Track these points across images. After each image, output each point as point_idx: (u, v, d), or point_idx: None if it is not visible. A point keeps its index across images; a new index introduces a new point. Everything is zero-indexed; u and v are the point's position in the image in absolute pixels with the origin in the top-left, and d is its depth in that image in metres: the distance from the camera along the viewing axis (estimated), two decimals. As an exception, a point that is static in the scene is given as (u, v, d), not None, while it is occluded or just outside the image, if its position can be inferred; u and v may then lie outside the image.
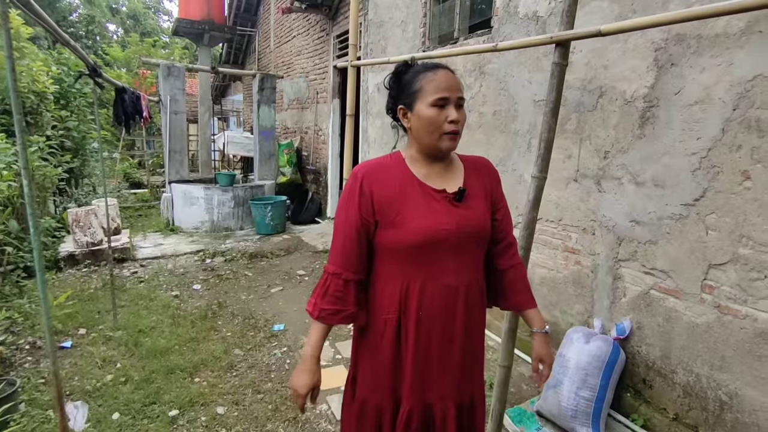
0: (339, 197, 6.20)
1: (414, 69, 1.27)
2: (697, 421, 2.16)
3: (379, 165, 1.28)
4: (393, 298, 1.25)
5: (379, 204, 1.22)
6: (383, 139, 5.20)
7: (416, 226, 1.20)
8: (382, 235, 1.24)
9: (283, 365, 3.01)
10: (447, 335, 1.26)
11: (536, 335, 1.38)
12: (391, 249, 1.24)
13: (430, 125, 1.20)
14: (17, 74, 5.03)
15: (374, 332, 1.29)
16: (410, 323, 1.24)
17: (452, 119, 1.19)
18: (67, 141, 6.11)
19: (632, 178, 2.40)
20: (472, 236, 1.26)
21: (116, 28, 23.49)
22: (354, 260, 1.25)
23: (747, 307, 1.95)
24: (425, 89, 1.20)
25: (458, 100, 1.21)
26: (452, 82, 1.21)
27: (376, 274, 1.29)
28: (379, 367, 1.29)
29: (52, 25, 1.58)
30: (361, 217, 1.23)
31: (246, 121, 12.00)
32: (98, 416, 2.40)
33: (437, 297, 1.24)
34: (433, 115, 1.19)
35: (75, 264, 4.75)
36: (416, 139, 1.25)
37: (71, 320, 3.49)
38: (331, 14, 6.61)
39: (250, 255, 5.38)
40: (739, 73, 1.94)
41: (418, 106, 1.21)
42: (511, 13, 3.20)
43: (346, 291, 1.25)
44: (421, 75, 1.22)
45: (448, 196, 1.24)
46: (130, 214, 7.39)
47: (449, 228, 1.21)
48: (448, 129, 1.20)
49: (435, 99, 1.18)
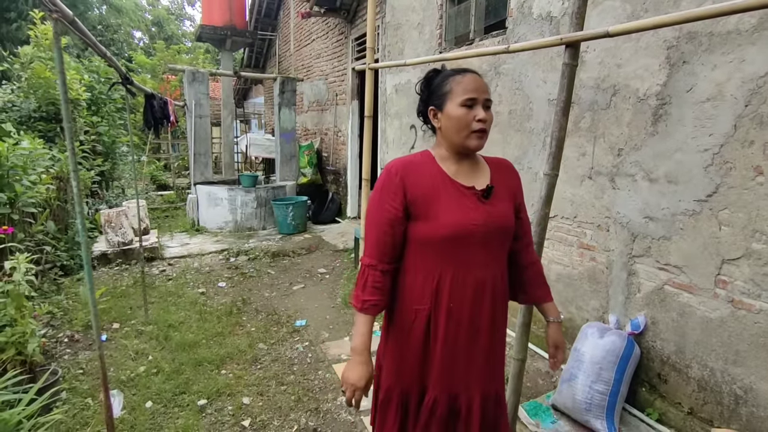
0: (358, 197, 6.23)
1: (443, 73, 1.35)
2: (712, 416, 2.18)
3: (412, 162, 1.34)
4: (425, 289, 1.30)
5: (413, 197, 1.28)
6: (401, 140, 5.28)
7: (447, 219, 1.26)
8: (414, 227, 1.30)
9: (305, 359, 3.12)
10: (474, 327, 1.31)
11: (552, 324, 1.49)
12: (422, 241, 1.29)
13: (459, 124, 1.27)
14: (53, 83, 5.28)
15: (403, 322, 1.34)
16: (441, 314, 1.29)
17: (480, 118, 1.26)
18: (98, 145, 6.38)
19: (645, 174, 2.43)
20: (499, 232, 1.32)
21: (142, 35, 24.19)
22: (388, 251, 1.31)
23: (761, 301, 1.97)
24: (454, 90, 1.28)
25: (485, 101, 1.29)
26: (480, 84, 1.29)
27: (407, 266, 1.34)
28: (407, 355, 1.34)
29: (92, 39, 1.72)
30: (395, 209, 1.28)
31: (267, 123, 12.24)
32: (133, 404, 2.56)
33: (467, 289, 1.29)
34: (462, 115, 1.26)
35: (107, 263, 4.98)
36: (446, 137, 1.33)
37: (105, 315, 3.68)
38: (349, 17, 6.73)
39: (272, 254, 5.53)
40: (751, 69, 1.95)
41: (448, 107, 1.28)
42: (525, 14, 3.25)
43: (384, 281, 1.31)
44: (450, 78, 1.31)
45: (477, 193, 1.31)
46: (158, 215, 7.65)
47: (478, 223, 1.27)
48: (476, 127, 1.27)
49: (464, 99, 1.26)
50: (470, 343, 1.32)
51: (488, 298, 1.32)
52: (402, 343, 1.35)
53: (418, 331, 1.32)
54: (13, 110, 5.21)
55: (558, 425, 2.42)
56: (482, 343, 1.33)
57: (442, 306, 1.29)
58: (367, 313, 1.31)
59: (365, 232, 1.36)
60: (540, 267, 1.52)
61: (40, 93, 5.35)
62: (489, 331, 1.34)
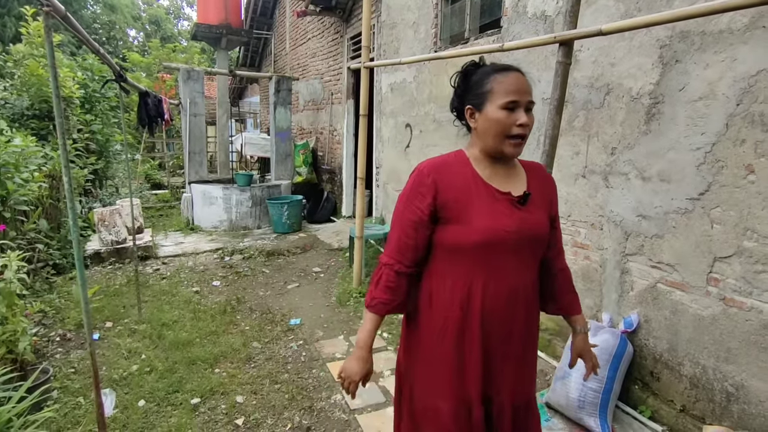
0: (354, 196, 6.19)
1: (484, 69, 1.27)
2: (704, 413, 2.19)
3: (445, 162, 1.28)
4: (455, 295, 1.25)
5: (444, 201, 1.23)
6: (397, 139, 5.29)
7: (480, 225, 1.21)
8: (444, 231, 1.25)
9: (299, 357, 3.11)
10: (507, 334, 1.28)
11: (579, 335, 1.46)
12: (452, 246, 1.24)
13: (498, 128, 1.20)
14: (46, 81, 5.25)
15: (432, 329, 1.30)
16: (473, 321, 1.25)
17: (521, 122, 1.19)
18: (91, 144, 6.34)
19: (639, 173, 2.44)
20: (532, 240, 1.27)
21: (137, 33, 24.09)
22: (409, 253, 1.27)
23: (752, 299, 1.98)
24: (496, 91, 1.20)
25: (528, 104, 1.22)
26: (523, 85, 1.21)
27: (434, 270, 1.30)
28: (439, 364, 1.30)
29: (85, 35, 1.71)
30: (421, 212, 1.24)
31: (263, 122, 12.22)
32: (125, 403, 2.54)
33: (500, 296, 1.24)
34: (502, 118, 1.19)
35: (101, 261, 4.95)
36: (481, 139, 1.26)
37: (98, 314, 3.66)
38: (344, 16, 6.72)
39: (267, 253, 5.52)
40: (743, 68, 1.97)
41: (488, 108, 1.21)
42: (519, 13, 3.26)
43: (398, 282, 1.27)
44: (491, 77, 1.23)
45: (512, 199, 1.26)
46: (152, 214, 7.62)
47: (510, 230, 1.22)
48: (516, 132, 1.20)
49: (505, 102, 1.19)
50: (504, 350, 1.28)
51: (521, 306, 1.28)
52: (432, 351, 1.31)
53: (449, 339, 1.27)
54: (5, 108, 5.18)
55: (551, 423, 2.43)
56: (515, 350, 1.30)
57: (474, 313, 1.24)
58: (375, 311, 1.29)
59: (390, 230, 1.33)
60: (569, 273, 1.48)
61: (33, 91, 5.31)
62: (522, 339, 1.31)
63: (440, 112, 4.31)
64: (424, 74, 4.59)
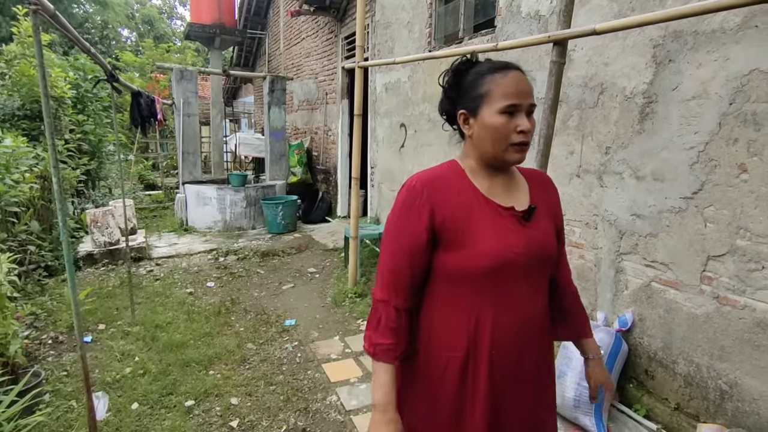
0: (348, 196, 6.16)
1: (478, 68, 1.11)
2: (698, 411, 2.20)
3: (439, 177, 1.11)
4: (459, 332, 1.08)
5: (441, 222, 1.07)
6: (391, 138, 5.28)
7: (486, 248, 1.05)
8: (444, 257, 1.08)
9: (294, 359, 3.10)
10: (520, 372, 1.11)
11: (592, 361, 1.30)
12: (455, 274, 1.08)
13: (497, 135, 1.05)
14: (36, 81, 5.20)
15: (431, 371, 1.12)
16: (481, 362, 1.07)
17: (522, 128, 1.04)
18: (84, 144, 6.30)
19: (633, 172, 2.44)
20: (542, 259, 1.12)
21: (130, 33, 23.95)
22: (405, 285, 1.09)
23: (745, 297, 1.99)
24: (493, 93, 1.05)
25: (529, 107, 1.07)
26: (523, 86, 1.06)
27: (433, 302, 1.12)
28: (438, 412, 1.12)
29: (75, 34, 1.69)
30: (418, 234, 1.07)
31: (257, 122, 12.18)
32: (118, 406, 2.52)
33: (512, 328, 1.08)
34: (501, 124, 1.05)
35: (93, 263, 4.91)
36: (478, 148, 1.11)
37: (91, 316, 3.63)
38: (339, 16, 6.71)
39: (262, 253, 5.50)
40: (735, 67, 1.97)
41: (484, 113, 1.06)
42: (513, 13, 3.26)
43: (399, 320, 1.09)
44: (488, 77, 1.07)
45: (517, 215, 1.10)
46: (146, 215, 7.57)
47: (519, 250, 1.07)
48: (517, 140, 1.05)
49: (504, 106, 1.04)
50: (516, 392, 1.12)
51: (536, 337, 1.13)
52: (430, 397, 1.13)
53: (451, 383, 1.09)
54: (-4, 108, 5.12)
55: (547, 422, 2.43)
56: (530, 390, 1.14)
57: (482, 352, 1.07)
58: (382, 359, 1.09)
59: (380, 259, 1.15)
60: (578, 294, 1.33)
61: (24, 91, 5.26)
62: (537, 377, 1.15)
63: (435, 111, 4.29)
64: (419, 74, 4.59)
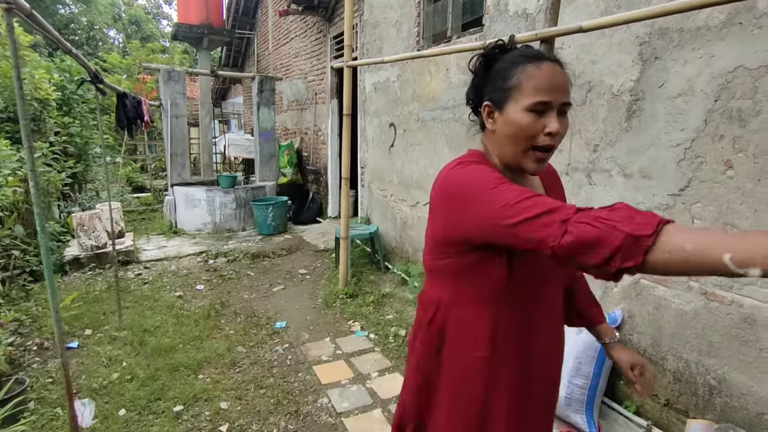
0: (339, 197, 6.11)
1: (511, 56, 1.00)
2: (688, 406, 2.21)
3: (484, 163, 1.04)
4: (484, 330, 1.04)
5: None
6: (381, 138, 5.26)
7: None
8: (471, 255, 1.02)
9: (284, 361, 3.07)
10: (546, 368, 1.12)
11: (614, 345, 1.26)
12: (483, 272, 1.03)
13: (521, 134, 0.95)
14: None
15: (460, 371, 1.08)
16: (508, 360, 1.05)
17: (551, 130, 0.93)
18: (70, 147, 6.20)
19: (621, 170, 2.45)
20: None
21: (116, 33, 23.68)
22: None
23: (733, 293, 2.00)
24: (523, 87, 0.94)
25: (562, 105, 0.95)
26: (558, 80, 0.95)
27: (460, 299, 1.07)
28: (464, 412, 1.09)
29: (55, 34, 1.65)
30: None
31: (246, 123, 12.09)
32: (105, 413, 2.48)
33: (539, 327, 1.08)
34: (528, 123, 0.94)
35: (80, 267, 4.84)
36: (497, 143, 1.03)
37: (77, 321, 3.57)
38: (327, 16, 6.68)
39: (252, 255, 5.45)
40: (720, 64, 1.98)
41: (510, 108, 0.96)
42: (501, 11, 3.25)
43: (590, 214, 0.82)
44: (519, 67, 0.96)
45: None
46: (134, 218, 7.49)
47: None
48: (542, 142, 0.94)
49: (533, 102, 0.93)
50: (539, 391, 1.11)
51: (558, 335, 1.13)
52: (455, 396, 1.10)
53: (479, 383, 1.06)
54: (-22, 111, 5.02)
55: (538, 421, 2.43)
56: (550, 388, 1.14)
57: (510, 351, 1.05)
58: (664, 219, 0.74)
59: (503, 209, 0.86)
60: (586, 280, 1.30)
61: (7, 93, 5.17)
62: (558, 373, 1.15)
63: (424, 111, 4.30)
64: (408, 73, 4.57)
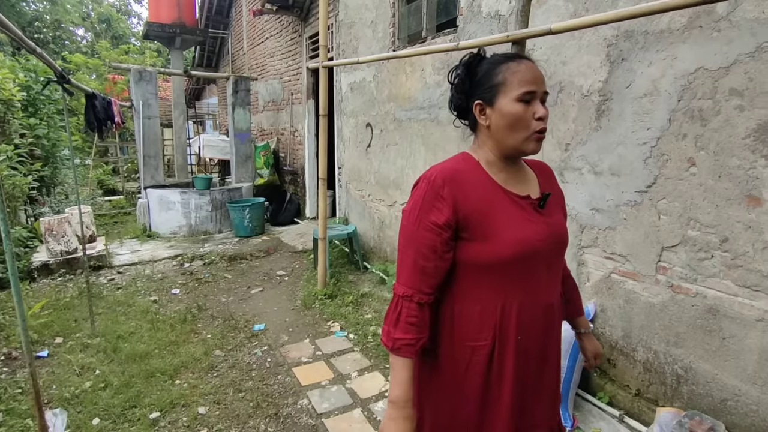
0: (317, 197, 6.14)
1: (491, 60, 1.13)
2: (657, 395, 2.29)
3: (458, 169, 1.12)
4: (485, 321, 1.09)
5: (464, 214, 1.07)
6: (357, 138, 5.26)
7: (511, 238, 1.07)
8: (468, 249, 1.09)
9: (263, 364, 3.05)
10: (544, 359, 1.16)
11: (586, 335, 1.42)
12: (480, 265, 1.09)
13: (516, 123, 1.07)
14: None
15: (455, 362, 1.13)
16: (508, 349, 1.09)
17: (540, 115, 1.07)
18: (36, 149, 6.00)
19: (591, 168, 2.52)
20: (560, 245, 1.17)
21: (85, 32, 22.98)
22: (428, 279, 1.08)
23: (697, 285, 2.08)
24: (509, 82, 1.07)
25: (543, 94, 1.09)
26: (538, 74, 1.09)
27: (457, 293, 1.13)
28: (463, 402, 1.14)
29: (17, 32, 1.60)
30: (440, 229, 1.07)
31: (222, 124, 11.91)
32: (78, 422, 2.41)
33: (537, 317, 1.12)
34: (519, 112, 1.06)
35: (49, 274, 4.68)
36: (495, 138, 1.12)
37: (47, 329, 3.46)
38: (302, 15, 6.64)
39: (229, 257, 5.38)
40: (683, 66, 2.06)
41: (501, 101, 1.08)
42: (474, 13, 3.30)
43: (421, 315, 1.08)
44: (503, 66, 1.09)
45: (533, 203, 1.13)
46: (106, 222, 7.28)
47: (542, 237, 1.10)
48: (537, 127, 1.07)
49: (521, 93, 1.06)
50: (539, 378, 1.16)
51: (556, 325, 1.18)
52: (454, 387, 1.14)
53: (477, 372, 1.10)
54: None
55: (516, 414, 2.48)
56: (549, 375, 1.18)
57: (509, 340, 1.09)
58: (402, 354, 1.08)
59: (399, 253, 1.14)
60: (571, 274, 1.42)
61: (-32, 94, 4.97)
62: (556, 361, 1.20)
63: (400, 110, 4.32)
64: (384, 73, 4.59)
